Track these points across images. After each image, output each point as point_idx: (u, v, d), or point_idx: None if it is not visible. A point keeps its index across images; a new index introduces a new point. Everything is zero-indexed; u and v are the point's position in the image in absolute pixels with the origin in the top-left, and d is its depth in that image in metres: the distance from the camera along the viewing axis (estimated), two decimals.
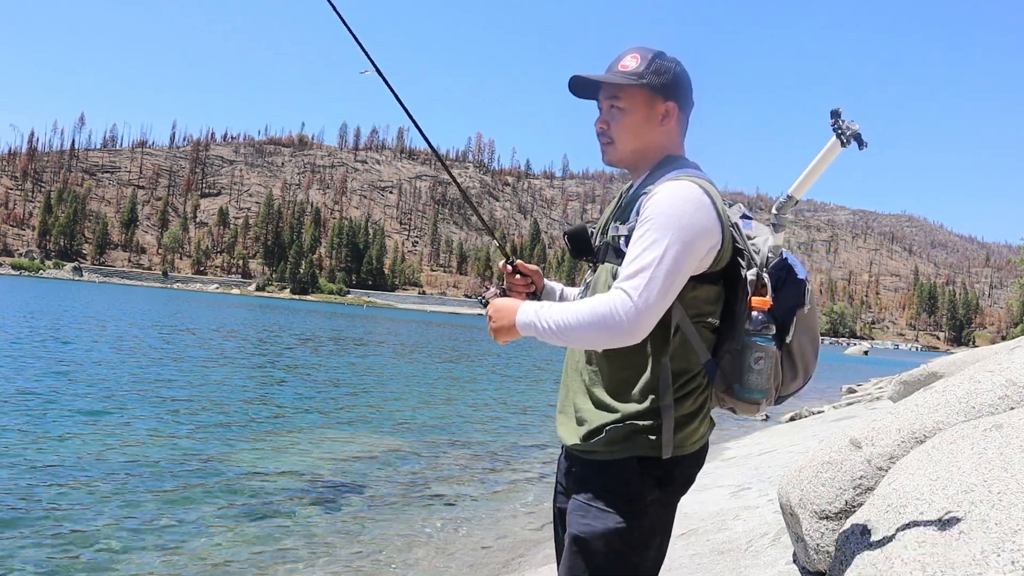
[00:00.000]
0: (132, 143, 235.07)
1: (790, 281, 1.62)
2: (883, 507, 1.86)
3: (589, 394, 1.65)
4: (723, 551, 3.65)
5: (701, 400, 1.64)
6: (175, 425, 8.62)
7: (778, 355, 1.60)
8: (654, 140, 1.69)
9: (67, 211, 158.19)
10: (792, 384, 1.71)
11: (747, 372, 1.57)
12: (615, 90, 1.67)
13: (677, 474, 1.61)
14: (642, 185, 1.67)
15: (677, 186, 1.56)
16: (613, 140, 1.70)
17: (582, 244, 1.75)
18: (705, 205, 1.54)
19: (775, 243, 1.61)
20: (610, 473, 1.59)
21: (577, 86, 1.73)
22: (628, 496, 1.57)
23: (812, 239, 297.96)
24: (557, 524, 1.80)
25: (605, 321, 1.48)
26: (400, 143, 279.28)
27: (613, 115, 1.69)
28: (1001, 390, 2.61)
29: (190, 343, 20.90)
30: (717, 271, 1.61)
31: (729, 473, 6.23)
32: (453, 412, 11.81)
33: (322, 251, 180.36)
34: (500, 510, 6.13)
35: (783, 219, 1.63)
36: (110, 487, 5.86)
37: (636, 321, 1.47)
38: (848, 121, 1.50)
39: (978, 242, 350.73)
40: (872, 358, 75.26)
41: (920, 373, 7.68)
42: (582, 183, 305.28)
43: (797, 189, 1.61)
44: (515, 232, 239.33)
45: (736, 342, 1.60)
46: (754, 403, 1.61)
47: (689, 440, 1.62)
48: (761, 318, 1.55)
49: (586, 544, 1.58)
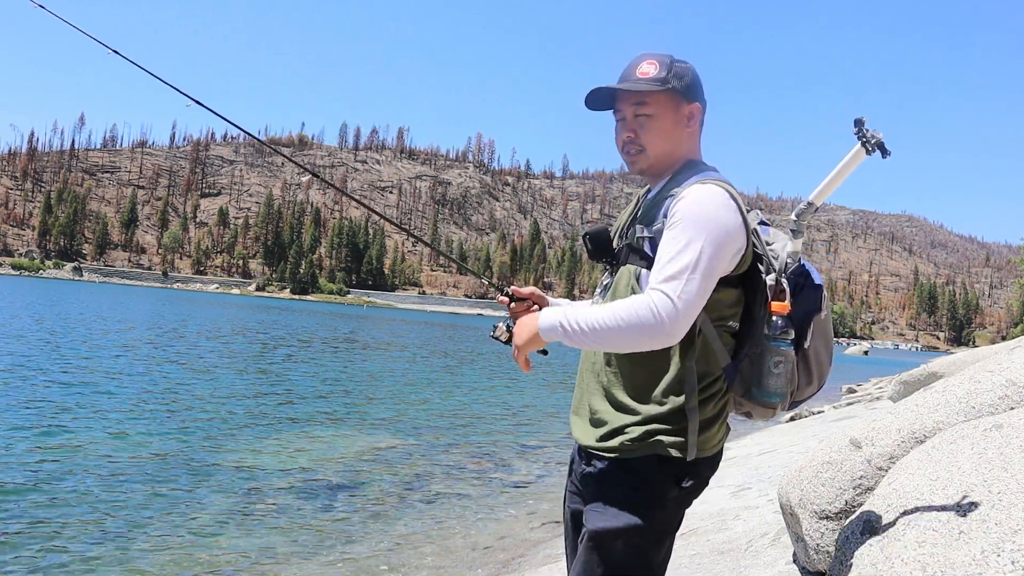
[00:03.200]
0: (132, 143, 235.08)
1: (808, 287, 1.64)
2: (883, 507, 1.86)
3: (607, 395, 1.65)
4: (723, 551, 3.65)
5: (722, 404, 1.65)
6: (175, 425, 8.62)
7: (795, 360, 1.62)
8: (681, 143, 1.70)
9: (67, 211, 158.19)
10: (807, 389, 1.72)
11: (766, 376, 1.58)
12: (641, 98, 1.66)
13: (695, 476, 1.62)
14: (665, 188, 1.67)
15: (707, 189, 1.57)
16: (644, 148, 1.69)
17: (603, 245, 1.75)
18: (732, 208, 1.56)
19: (794, 249, 1.63)
20: (631, 471, 1.59)
21: (595, 98, 1.71)
22: (648, 494, 1.58)
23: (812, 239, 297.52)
24: (569, 526, 1.80)
25: (646, 322, 1.47)
26: (400, 143, 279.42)
27: (641, 123, 1.68)
28: (1001, 390, 2.61)
29: (189, 343, 20.90)
30: (738, 275, 1.62)
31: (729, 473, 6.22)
32: (453, 412, 11.81)
33: (322, 251, 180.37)
34: (500, 510, 6.13)
35: (802, 225, 1.63)
36: (109, 487, 5.86)
37: (677, 322, 1.47)
38: (872, 130, 1.51)
39: (978, 242, 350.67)
40: (872, 358, 75.26)
41: (920, 373, 7.67)
42: (582, 183, 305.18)
43: (818, 196, 1.62)
44: (515, 232, 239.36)
45: (755, 346, 1.61)
46: (771, 407, 1.63)
47: (709, 443, 1.63)
48: (781, 323, 1.57)
49: (603, 541, 1.58)
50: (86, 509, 5.28)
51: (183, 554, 4.59)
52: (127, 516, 5.21)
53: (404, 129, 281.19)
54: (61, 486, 5.78)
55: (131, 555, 4.51)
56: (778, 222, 1.75)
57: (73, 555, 4.43)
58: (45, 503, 5.34)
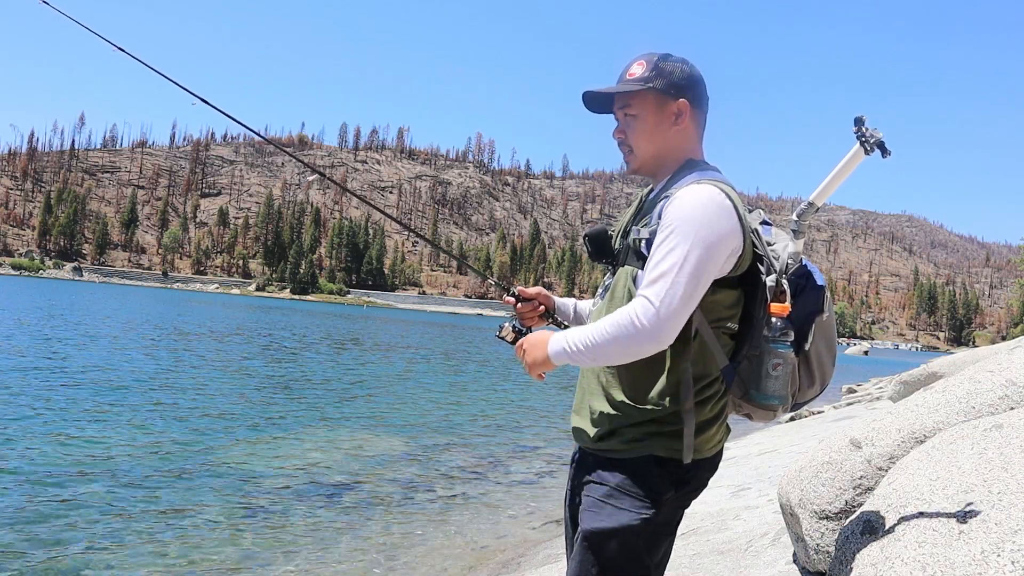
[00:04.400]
0: (132, 143, 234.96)
1: (809, 288, 1.62)
2: (883, 507, 1.86)
3: (606, 395, 1.65)
4: (723, 551, 3.65)
5: (720, 406, 1.64)
6: (175, 425, 8.62)
7: (796, 362, 1.60)
8: (671, 142, 1.68)
9: (67, 211, 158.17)
10: (809, 391, 1.71)
11: (765, 378, 1.57)
12: (626, 99, 1.69)
13: (692, 477, 1.62)
14: (663, 189, 1.66)
15: (698, 190, 1.55)
16: (632, 148, 1.71)
17: (602, 246, 1.75)
18: (726, 209, 1.53)
19: (795, 249, 1.61)
20: (627, 470, 1.59)
21: (591, 102, 1.74)
22: (644, 494, 1.57)
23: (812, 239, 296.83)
24: (569, 526, 1.80)
25: (629, 331, 1.48)
26: (400, 143, 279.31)
27: (628, 123, 1.70)
28: (1001, 390, 2.61)
29: (189, 344, 20.90)
30: (736, 276, 1.60)
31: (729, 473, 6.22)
32: (453, 412, 11.81)
33: (322, 251, 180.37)
34: (500, 510, 6.13)
35: (803, 226, 1.61)
36: (109, 487, 5.86)
37: (660, 326, 1.47)
38: (872, 129, 1.48)
39: (978, 242, 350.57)
40: (872, 358, 75.23)
41: (920, 373, 7.68)
42: (582, 183, 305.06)
43: (818, 196, 1.60)
44: (515, 232, 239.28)
45: (754, 348, 1.60)
46: (771, 409, 1.62)
47: (707, 445, 1.62)
48: (780, 324, 1.55)
49: (597, 541, 1.57)
50: (86, 509, 5.27)
51: (181, 554, 4.59)
52: (126, 515, 5.21)
53: (404, 129, 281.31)
54: (60, 486, 5.78)
55: (130, 555, 4.50)
56: (779, 222, 1.73)
57: (71, 555, 4.43)
58: (44, 502, 5.33)
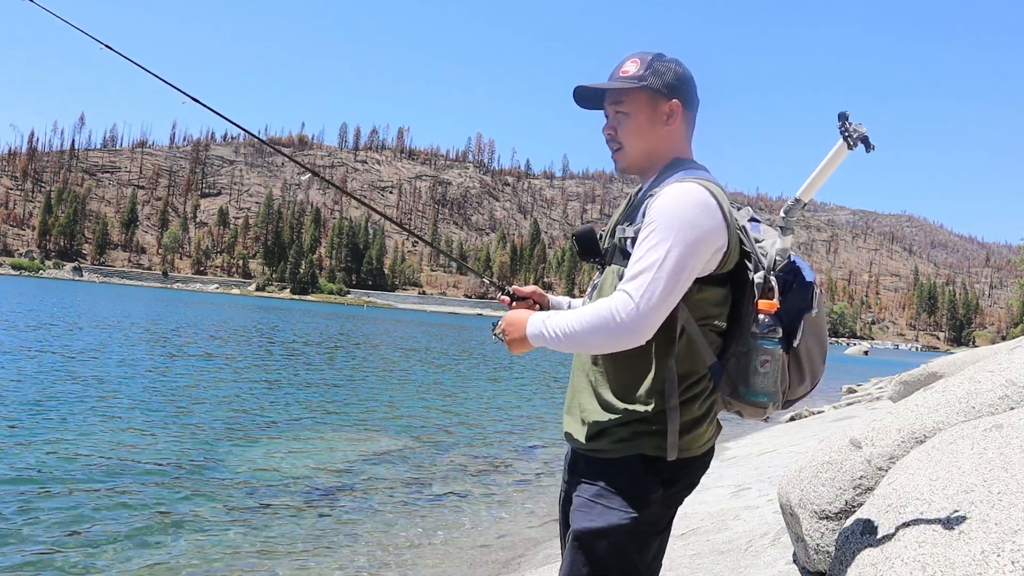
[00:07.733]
0: (132, 143, 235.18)
1: (798, 284, 1.62)
2: (883, 507, 1.86)
3: (595, 394, 1.65)
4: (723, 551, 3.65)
5: (708, 404, 1.64)
6: (175, 425, 8.61)
7: (785, 359, 1.60)
8: (661, 141, 1.69)
9: (67, 211, 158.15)
10: (799, 388, 1.70)
11: (753, 375, 1.57)
12: (618, 95, 1.69)
13: (682, 476, 1.61)
14: (650, 187, 1.67)
15: (682, 188, 1.56)
16: (622, 145, 1.71)
17: (589, 245, 1.76)
18: (710, 207, 1.54)
19: (783, 246, 1.60)
20: (615, 470, 1.59)
21: (582, 97, 1.74)
22: (632, 493, 1.57)
23: (812, 239, 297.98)
24: (563, 525, 1.80)
25: (607, 323, 1.49)
26: (400, 143, 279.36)
27: (619, 120, 1.70)
28: (1001, 390, 2.61)
29: (188, 344, 20.89)
30: (724, 274, 1.60)
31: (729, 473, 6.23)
32: (453, 413, 11.81)
33: (322, 251, 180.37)
34: (500, 510, 6.13)
35: (791, 222, 1.62)
36: (108, 487, 5.85)
37: (638, 322, 1.48)
38: (855, 124, 1.49)
39: (978, 242, 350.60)
40: (872, 358, 75.25)
41: (920, 373, 7.68)
42: (582, 183, 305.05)
43: (805, 192, 1.61)
44: (515, 232, 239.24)
45: (742, 345, 1.60)
46: (760, 406, 1.62)
47: (696, 443, 1.62)
48: (768, 321, 1.55)
49: (587, 540, 1.58)
50: (85, 510, 5.27)
51: (182, 555, 4.59)
52: (126, 515, 5.21)
53: (404, 129, 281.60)
54: (59, 486, 5.78)
55: (131, 555, 4.50)
56: (777, 222, 1.71)
57: (70, 554, 4.42)
58: (43, 502, 5.33)
